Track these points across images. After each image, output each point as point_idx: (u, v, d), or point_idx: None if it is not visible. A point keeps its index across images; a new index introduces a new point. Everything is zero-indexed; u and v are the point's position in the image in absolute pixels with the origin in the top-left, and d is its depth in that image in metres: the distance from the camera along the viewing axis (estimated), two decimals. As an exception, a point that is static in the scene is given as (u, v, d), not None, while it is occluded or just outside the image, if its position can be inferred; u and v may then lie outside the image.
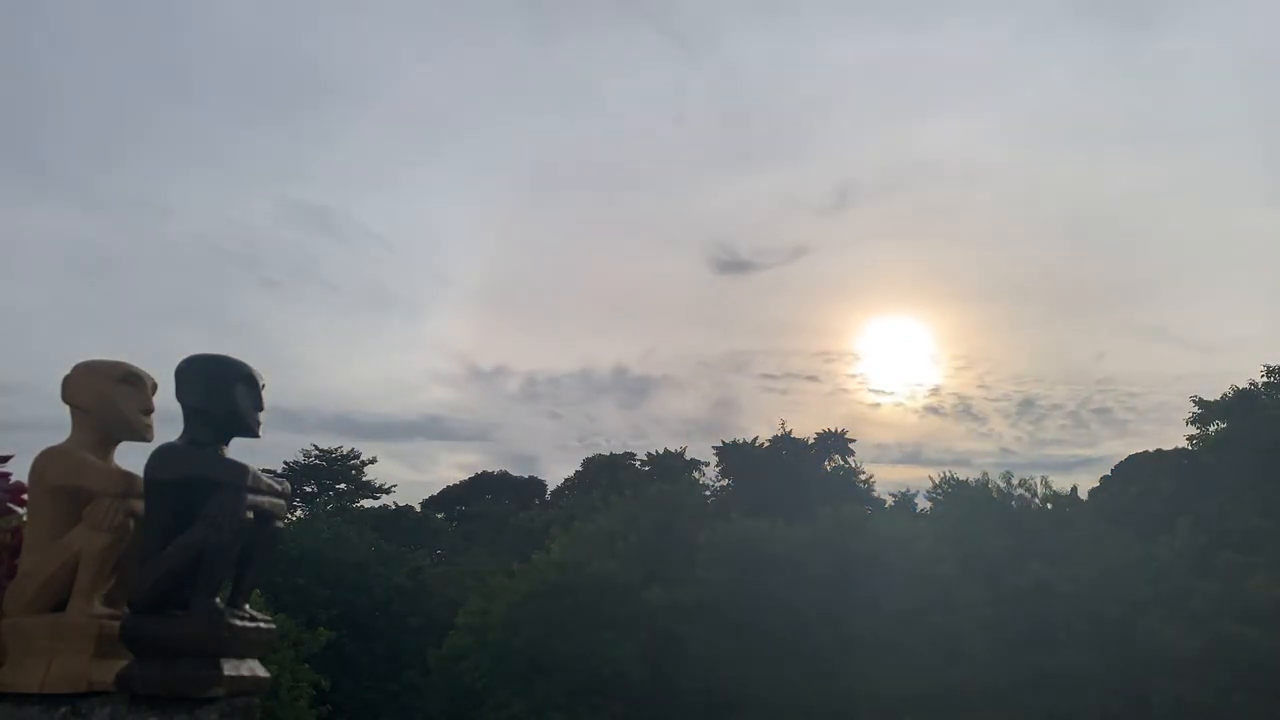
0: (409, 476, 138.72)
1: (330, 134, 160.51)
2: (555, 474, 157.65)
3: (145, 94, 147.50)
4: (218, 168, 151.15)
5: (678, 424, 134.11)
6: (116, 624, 6.94)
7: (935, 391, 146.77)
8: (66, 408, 7.64)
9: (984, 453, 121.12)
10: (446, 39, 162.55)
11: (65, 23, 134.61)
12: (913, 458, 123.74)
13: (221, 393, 7.14)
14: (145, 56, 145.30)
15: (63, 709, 6.83)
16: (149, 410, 7.67)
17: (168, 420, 7.57)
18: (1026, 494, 47.81)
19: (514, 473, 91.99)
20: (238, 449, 7.39)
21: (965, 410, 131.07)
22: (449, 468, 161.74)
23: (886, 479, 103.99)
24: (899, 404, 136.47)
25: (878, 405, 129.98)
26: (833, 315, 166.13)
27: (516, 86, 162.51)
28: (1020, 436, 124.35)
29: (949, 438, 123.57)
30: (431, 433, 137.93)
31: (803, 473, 63.84)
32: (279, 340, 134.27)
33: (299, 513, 65.87)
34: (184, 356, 7.26)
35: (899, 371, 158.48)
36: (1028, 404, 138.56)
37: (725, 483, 68.72)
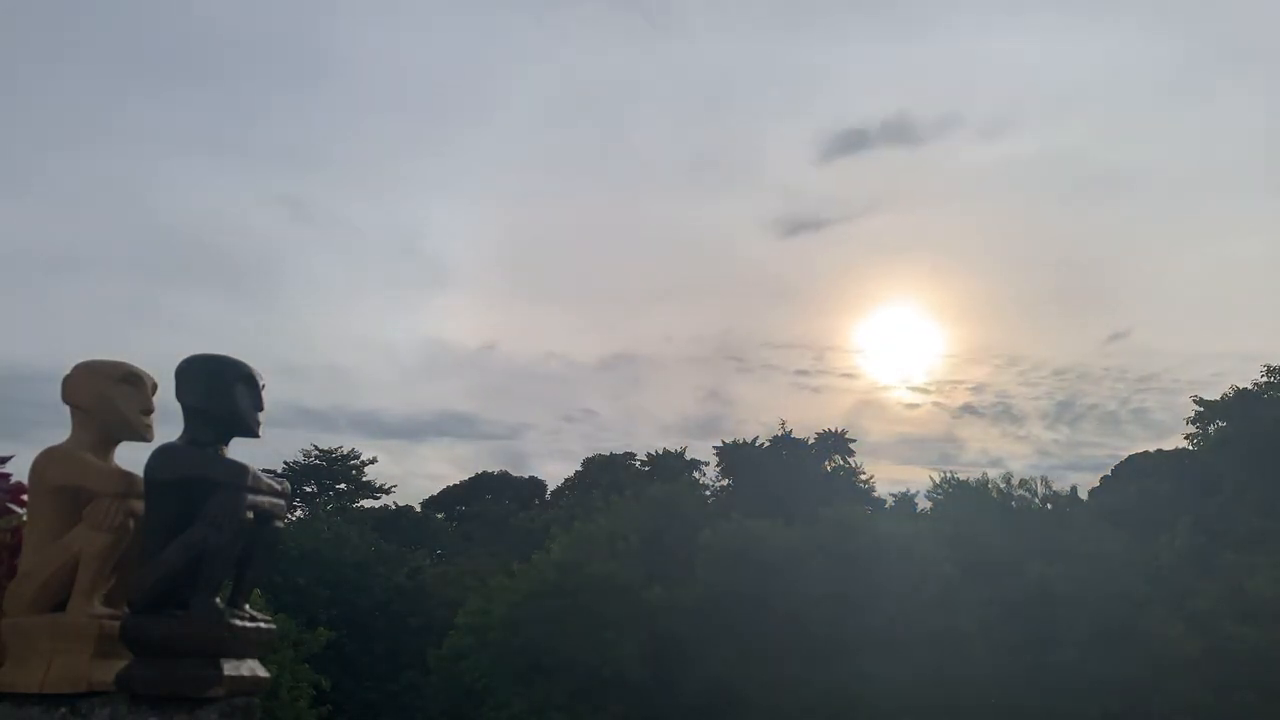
0: (414, 470, 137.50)
1: (322, 120, 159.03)
2: (556, 472, 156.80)
3: (121, 82, 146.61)
4: (200, 158, 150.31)
5: (711, 425, 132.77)
6: (116, 624, 6.95)
7: (977, 390, 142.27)
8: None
9: (1020, 455, 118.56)
10: (430, 16, 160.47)
11: (31, 7, 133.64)
12: (949, 459, 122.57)
13: (221, 393, 7.14)
14: (119, 40, 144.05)
15: (63, 709, 6.83)
16: (149, 410, 7.68)
17: (168, 420, 7.59)
18: (1026, 494, 47.78)
19: (514, 472, 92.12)
20: (238, 449, 7.40)
21: (1004, 411, 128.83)
22: (448, 464, 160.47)
23: (920, 482, 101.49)
24: (937, 403, 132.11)
25: (915, 406, 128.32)
26: (873, 296, 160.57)
27: (515, 68, 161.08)
28: (1058, 439, 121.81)
29: (986, 439, 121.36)
30: (441, 431, 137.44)
31: (803, 473, 63.84)
32: (264, 333, 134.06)
33: (299, 513, 65.91)
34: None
35: (937, 367, 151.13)
36: (1067, 404, 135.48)
37: (725, 483, 68.76)
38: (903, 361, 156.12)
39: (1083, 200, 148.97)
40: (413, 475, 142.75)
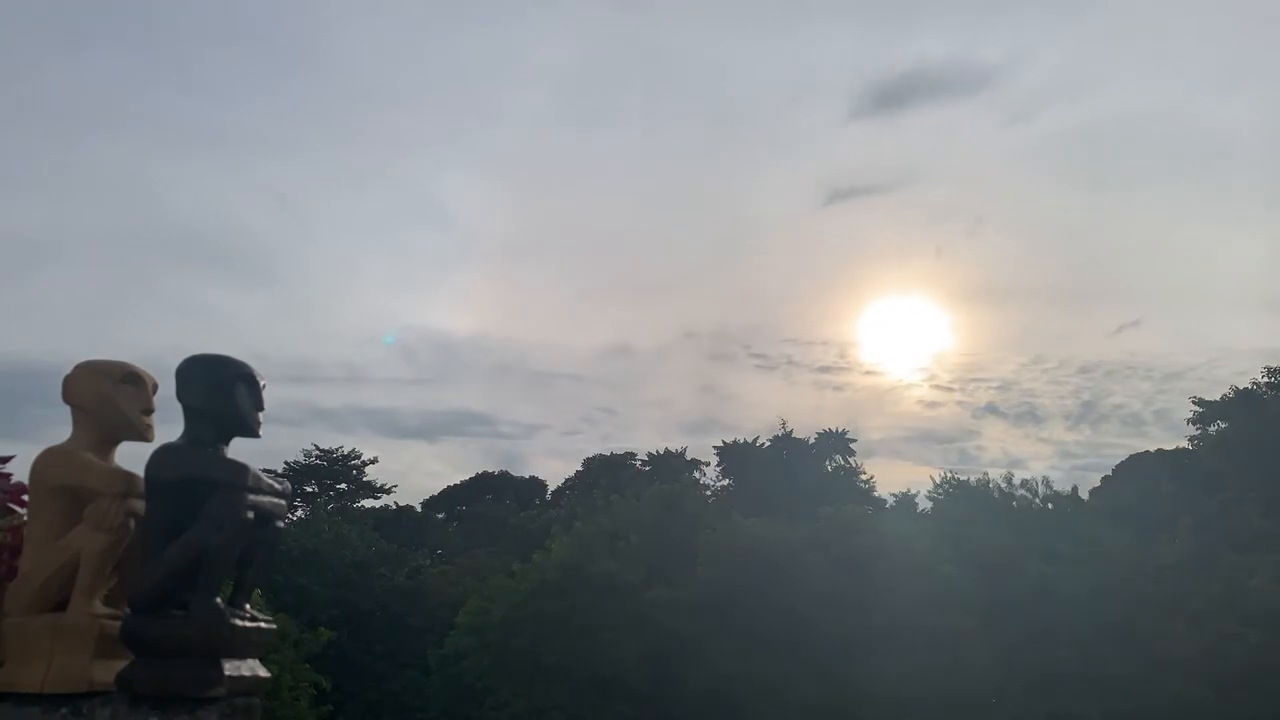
0: (414, 467, 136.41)
1: (329, 115, 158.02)
2: (557, 471, 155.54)
3: (117, 74, 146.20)
4: (200, 150, 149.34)
5: (735, 427, 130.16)
6: (117, 624, 6.95)
7: (1002, 387, 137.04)
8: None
9: (1043, 456, 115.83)
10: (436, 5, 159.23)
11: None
12: (969, 460, 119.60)
13: (222, 392, 7.15)
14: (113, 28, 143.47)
15: (63, 709, 6.83)
16: (150, 410, 7.68)
17: (169, 420, 7.60)
18: (1027, 494, 47.77)
19: (514, 472, 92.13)
20: (238, 448, 7.40)
21: (1028, 411, 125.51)
22: (444, 463, 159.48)
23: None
24: (960, 401, 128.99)
25: (937, 405, 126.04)
26: (901, 280, 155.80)
27: (516, 59, 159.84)
28: (1081, 440, 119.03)
29: (1008, 439, 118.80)
30: (453, 430, 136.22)
31: (803, 473, 63.90)
32: (268, 327, 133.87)
33: (299, 513, 65.94)
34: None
35: (961, 363, 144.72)
36: (1091, 404, 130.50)
37: (725, 483, 68.83)
38: (925, 356, 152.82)
39: (1135, 177, 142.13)
40: (413, 472, 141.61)
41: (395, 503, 77.89)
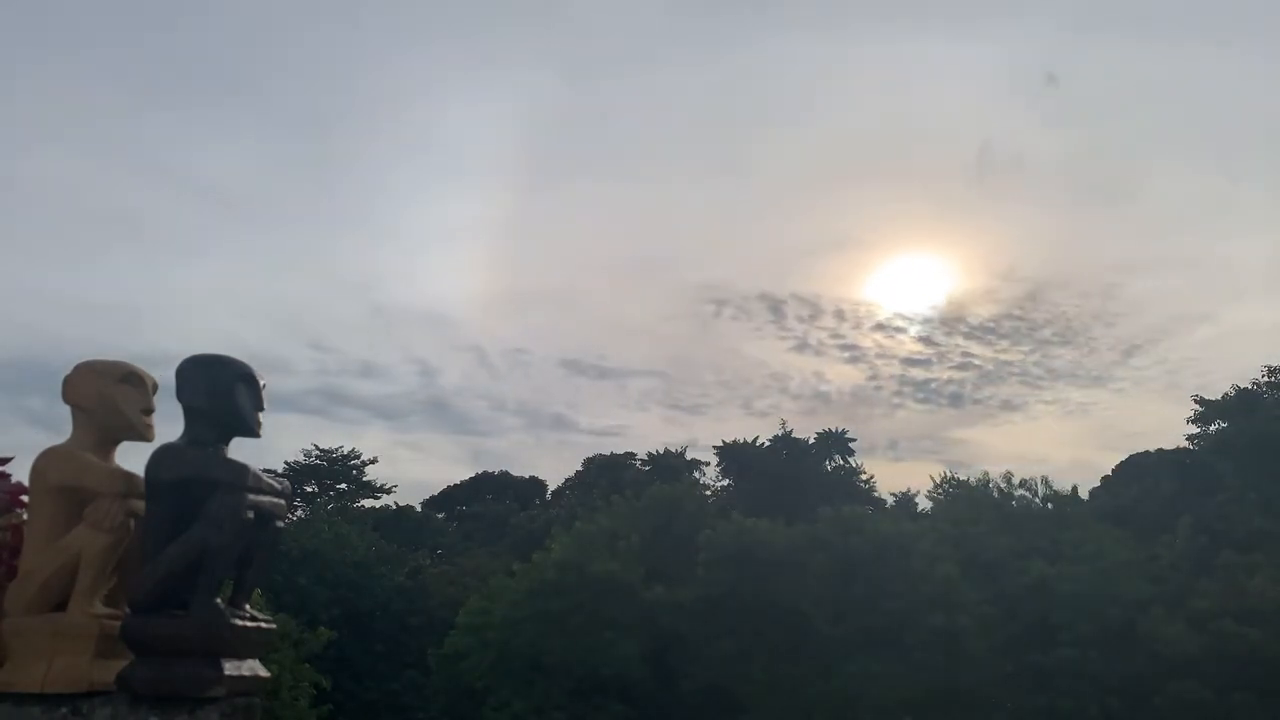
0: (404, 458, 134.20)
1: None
2: (557, 471, 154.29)
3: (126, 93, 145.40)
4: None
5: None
6: (117, 624, 6.96)
7: (1096, 382, 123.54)
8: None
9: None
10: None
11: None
12: (1039, 462, 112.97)
13: (222, 393, 7.16)
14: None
15: (63, 709, 6.84)
16: (150, 410, 7.70)
17: (168, 420, 7.60)
18: (1027, 494, 47.81)
19: (514, 472, 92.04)
20: (238, 448, 7.41)
21: (1118, 416, 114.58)
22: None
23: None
24: (1046, 402, 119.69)
25: (1018, 407, 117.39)
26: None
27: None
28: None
29: (1080, 449, 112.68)
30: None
31: (803, 473, 63.86)
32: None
33: (299, 513, 65.87)
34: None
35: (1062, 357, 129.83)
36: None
37: (725, 483, 68.81)
38: (1019, 340, 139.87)
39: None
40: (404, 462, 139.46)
41: (395, 503, 77.80)
